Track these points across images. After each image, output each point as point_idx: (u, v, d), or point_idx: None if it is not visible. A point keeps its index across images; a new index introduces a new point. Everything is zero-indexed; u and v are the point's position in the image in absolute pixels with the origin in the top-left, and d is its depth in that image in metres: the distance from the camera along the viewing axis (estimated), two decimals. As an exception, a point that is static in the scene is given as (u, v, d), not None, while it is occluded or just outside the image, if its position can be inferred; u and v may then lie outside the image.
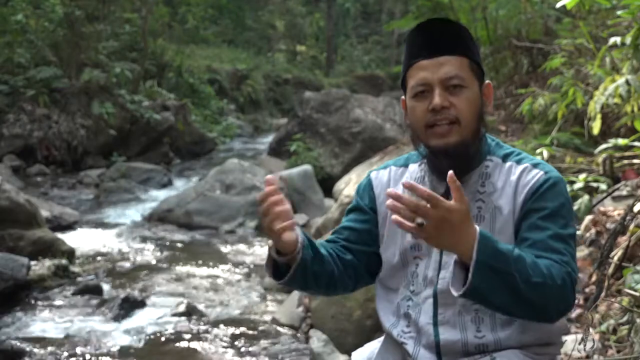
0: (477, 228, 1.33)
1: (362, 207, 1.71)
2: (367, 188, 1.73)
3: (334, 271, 1.61)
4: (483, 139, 1.59)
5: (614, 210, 3.84)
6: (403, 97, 1.61)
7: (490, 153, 1.60)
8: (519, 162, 1.57)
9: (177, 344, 4.29)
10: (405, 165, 1.70)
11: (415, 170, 1.66)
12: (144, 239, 6.93)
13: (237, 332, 4.52)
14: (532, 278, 1.35)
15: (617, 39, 4.26)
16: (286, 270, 1.52)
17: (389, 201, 1.28)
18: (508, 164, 1.58)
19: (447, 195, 1.56)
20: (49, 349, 4.14)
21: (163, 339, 4.37)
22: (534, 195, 1.51)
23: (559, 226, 1.48)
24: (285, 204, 1.45)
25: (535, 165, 1.55)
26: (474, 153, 1.56)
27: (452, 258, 1.52)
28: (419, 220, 1.26)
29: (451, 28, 1.56)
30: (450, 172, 1.31)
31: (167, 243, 6.83)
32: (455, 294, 1.35)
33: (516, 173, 1.55)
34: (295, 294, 4.74)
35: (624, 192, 4.02)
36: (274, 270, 1.54)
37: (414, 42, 1.56)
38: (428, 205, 1.28)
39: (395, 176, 1.70)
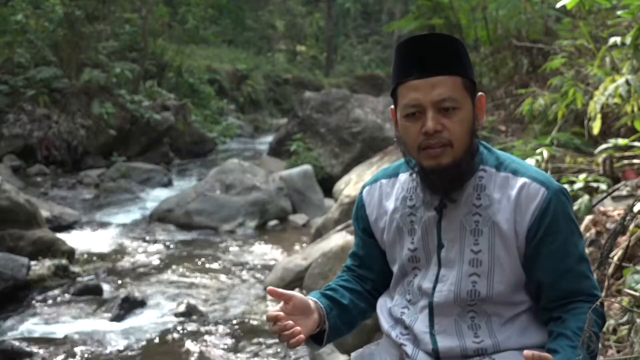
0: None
1: (359, 232, 1.75)
2: (359, 209, 1.73)
3: (364, 309, 1.72)
4: (478, 151, 1.57)
5: (614, 210, 3.84)
6: (392, 107, 1.58)
7: (483, 162, 1.57)
8: (514, 173, 1.54)
9: (177, 344, 4.29)
10: (396, 175, 1.68)
11: (406, 180, 1.65)
12: (144, 239, 6.93)
13: (237, 332, 4.52)
14: (596, 350, 1.44)
15: (617, 39, 4.26)
16: (321, 336, 1.63)
17: None
18: (502, 174, 1.55)
19: (440, 208, 1.57)
20: (49, 349, 4.14)
21: (163, 339, 4.37)
22: (542, 219, 1.50)
23: (576, 244, 1.52)
24: (295, 318, 1.52)
25: (533, 179, 1.52)
26: (466, 169, 1.53)
27: (450, 272, 1.54)
28: None
29: (444, 45, 1.50)
30: (527, 352, 1.36)
31: (167, 243, 6.83)
32: None
33: (515, 187, 1.52)
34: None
35: (624, 192, 4.02)
36: (313, 341, 1.64)
37: (406, 57, 1.51)
38: None
39: (387, 188, 1.69)
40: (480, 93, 1.56)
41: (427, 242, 1.59)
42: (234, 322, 4.69)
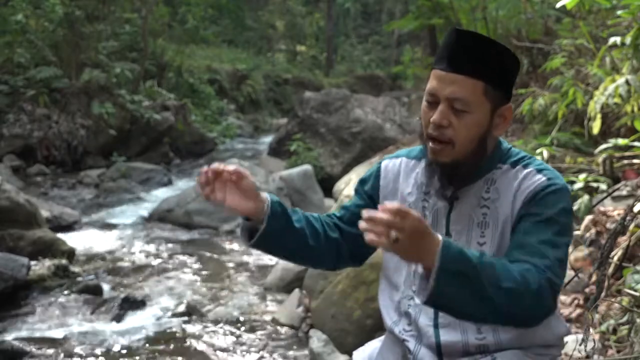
0: (441, 237, 1.31)
1: (361, 192, 1.74)
2: (374, 174, 1.73)
3: (307, 244, 1.62)
4: (486, 154, 1.56)
5: (614, 210, 3.84)
6: None
7: (502, 161, 1.58)
8: (525, 166, 1.55)
9: (177, 344, 4.29)
10: (419, 159, 1.68)
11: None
12: (144, 239, 6.93)
13: (237, 332, 4.52)
14: (502, 283, 1.32)
15: (617, 39, 4.26)
16: (253, 233, 1.58)
17: (362, 223, 1.25)
18: (515, 169, 1.56)
19: (452, 199, 1.57)
20: (49, 349, 4.14)
21: (163, 339, 4.37)
22: (532, 199, 1.49)
23: (553, 232, 1.45)
24: (231, 189, 1.52)
25: (539, 171, 1.53)
26: (469, 170, 1.54)
27: None
28: (394, 234, 1.24)
29: (480, 47, 1.49)
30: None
31: (167, 243, 6.82)
32: (419, 301, 1.33)
33: (519, 177, 1.53)
34: (295, 294, 4.74)
35: (624, 192, 4.03)
36: (248, 234, 1.60)
37: (445, 46, 1.53)
38: (399, 219, 1.24)
39: (407, 169, 1.69)
40: (508, 104, 1.55)
41: (436, 231, 1.59)
42: (234, 322, 4.69)
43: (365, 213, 1.25)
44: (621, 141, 4.37)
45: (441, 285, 1.28)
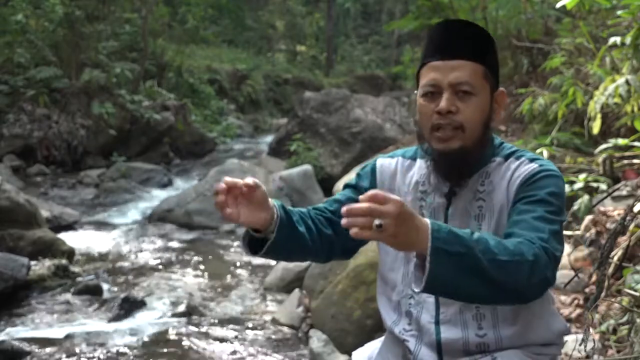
0: (428, 220, 1.27)
1: (358, 187, 1.70)
2: (370, 172, 1.72)
3: (307, 245, 1.59)
4: (489, 143, 1.58)
5: (614, 210, 3.84)
6: (416, 91, 1.60)
7: (495, 154, 1.60)
8: (518, 158, 1.57)
9: (177, 344, 4.29)
10: (414, 159, 1.69)
11: (422, 166, 1.66)
12: (144, 239, 6.93)
13: (237, 332, 4.52)
14: (497, 256, 1.28)
15: (617, 39, 4.27)
16: (260, 243, 1.53)
17: (343, 220, 1.21)
18: (508, 161, 1.58)
19: (450, 194, 1.57)
20: (49, 349, 4.14)
21: (163, 339, 4.37)
22: (525, 184, 1.50)
23: (546, 210, 1.44)
24: (246, 202, 1.47)
25: (532, 160, 1.55)
26: (475, 159, 1.55)
27: None
28: (377, 222, 1.18)
29: (471, 32, 1.54)
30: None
31: (167, 243, 6.82)
32: (417, 289, 1.29)
33: (512, 167, 1.55)
34: (295, 294, 4.74)
35: (624, 192, 4.03)
36: (249, 243, 1.55)
37: (433, 40, 1.55)
38: (378, 205, 1.19)
39: (402, 168, 1.69)
40: (501, 89, 1.58)
41: None
42: (234, 322, 4.69)
43: (344, 208, 1.20)
44: (621, 141, 4.37)
45: (437, 266, 1.24)
